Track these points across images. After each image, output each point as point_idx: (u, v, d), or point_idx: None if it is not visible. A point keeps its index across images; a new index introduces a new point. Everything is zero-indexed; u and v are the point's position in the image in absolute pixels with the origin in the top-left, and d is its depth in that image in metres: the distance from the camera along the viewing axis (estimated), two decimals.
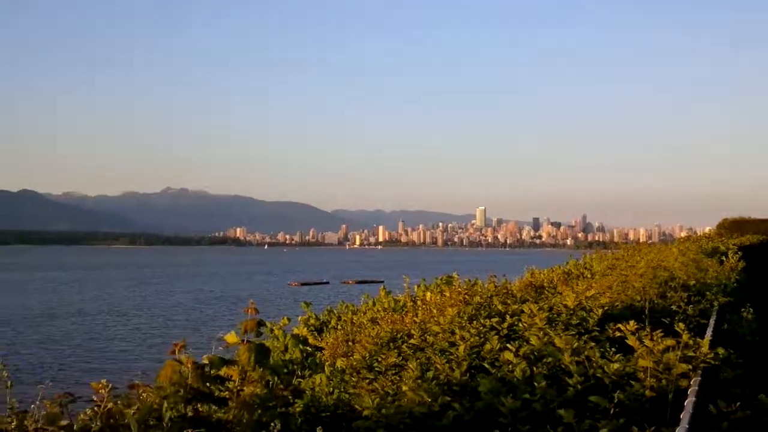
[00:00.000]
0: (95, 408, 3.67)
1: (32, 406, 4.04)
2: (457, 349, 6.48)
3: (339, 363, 8.70)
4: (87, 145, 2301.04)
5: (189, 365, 3.47)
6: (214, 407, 3.62)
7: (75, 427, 3.40)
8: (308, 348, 12.26)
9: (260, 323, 4.04)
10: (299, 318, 15.62)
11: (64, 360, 52.32)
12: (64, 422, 3.59)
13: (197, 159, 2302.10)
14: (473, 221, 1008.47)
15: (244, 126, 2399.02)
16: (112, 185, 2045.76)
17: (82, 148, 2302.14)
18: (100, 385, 3.84)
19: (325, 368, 8.64)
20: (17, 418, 3.70)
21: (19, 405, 3.90)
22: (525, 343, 6.19)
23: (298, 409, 5.00)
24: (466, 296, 9.56)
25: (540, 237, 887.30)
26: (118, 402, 3.74)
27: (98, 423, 3.48)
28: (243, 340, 3.87)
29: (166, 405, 3.20)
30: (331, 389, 7.02)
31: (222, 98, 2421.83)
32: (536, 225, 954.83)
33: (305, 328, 15.05)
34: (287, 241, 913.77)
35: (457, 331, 7.06)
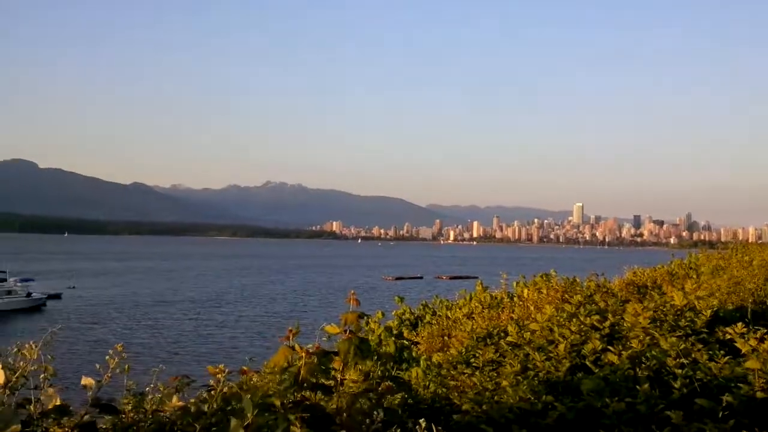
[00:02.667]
0: (210, 391, 3.83)
1: (146, 388, 4.21)
2: (557, 347, 6.38)
3: (435, 357, 8.73)
4: (193, 140, 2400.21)
5: (302, 353, 3.57)
6: (320, 395, 3.72)
7: (192, 410, 3.53)
8: (403, 341, 12.32)
9: (361, 315, 4.10)
10: (393, 312, 15.69)
11: (175, 345, 55.05)
12: (180, 404, 3.70)
13: (296, 154, 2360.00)
14: (570, 218, 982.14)
15: (342, 122, 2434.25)
16: (216, 179, 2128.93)
17: (189, 144, 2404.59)
18: (217, 370, 3.95)
19: (421, 362, 8.69)
20: (135, 400, 3.84)
21: (136, 387, 4.12)
22: (627, 343, 6.03)
23: (395, 402, 5.05)
24: (566, 294, 9.38)
25: (641, 235, 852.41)
26: (233, 386, 3.89)
27: (213, 406, 3.60)
28: (345, 332, 3.94)
29: (279, 391, 3.28)
30: (428, 383, 7.06)
31: (320, 97, 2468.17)
32: (637, 222, 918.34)
33: (399, 322, 15.13)
34: (382, 236, 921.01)
35: (555, 328, 6.94)
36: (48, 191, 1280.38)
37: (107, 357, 3.63)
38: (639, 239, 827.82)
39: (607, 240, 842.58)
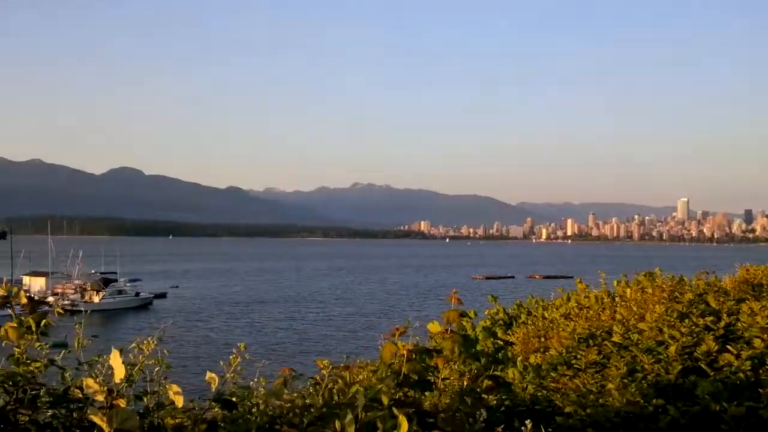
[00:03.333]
0: (316, 386, 3.84)
1: (251, 383, 4.28)
2: (667, 348, 6.10)
3: (533, 358, 8.53)
4: (285, 145, 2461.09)
5: (405, 351, 3.54)
6: (421, 393, 3.67)
7: (299, 403, 3.57)
8: (499, 341, 12.11)
9: (463, 314, 4.04)
10: (486, 311, 15.43)
11: (272, 342, 56.61)
12: (287, 397, 3.76)
13: (384, 155, 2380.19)
14: (674, 213, 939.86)
15: (427, 122, 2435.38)
16: (306, 181, 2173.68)
17: (281, 148, 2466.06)
18: (324, 364, 4.00)
19: (518, 363, 8.50)
20: (243, 394, 3.91)
21: (242, 381, 4.19)
22: (746, 345, 5.69)
23: (493, 402, 4.95)
24: (677, 293, 8.95)
25: (753, 231, 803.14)
26: (339, 381, 3.91)
27: (320, 400, 3.65)
28: (447, 330, 3.89)
29: (384, 387, 3.29)
30: (525, 384, 6.89)
31: (413, 94, 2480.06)
32: (749, 217, 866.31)
33: (492, 322, 14.86)
34: (471, 235, 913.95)
35: (665, 329, 6.63)
36: (153, 196, 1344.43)
37: (231, 356, 3.70)
38: (751, 235, 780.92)
39: (715, 236, 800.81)
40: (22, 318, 3.09)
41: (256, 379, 4.27)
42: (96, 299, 77.41)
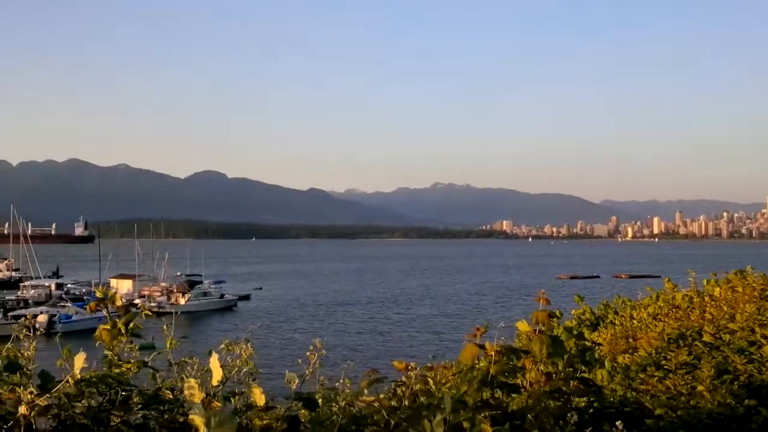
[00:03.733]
0: (401, 387, 3.86)
1: (336, 384, 4.30)
2: (759, 348, 5.84)
3: (621, 359, 8.30)
4: (366, 146, 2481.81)
5: (492, 351, 3.53)
6: (509, 395, 3.64)
7: (386, 404, 3.58)
8: (585, 342, 11.82)
9: (551, 314, 4.00)
10: (572, 311, 15.06)
11: (357, 344, 57.14)
12: (370, 398, 3.77)
13: (464, 155, 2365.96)
14: (763, 210, 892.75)
15: (508, 120, 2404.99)
16: (387, 182, 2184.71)
17: (362, 150, 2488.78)
18: (408, 365, 4.01)
19: (606, 364, 8.30)
20: (328, 394, 3.94)
21: (328, 382, 4.20)
22: None
23: (580, 404, 4.86)
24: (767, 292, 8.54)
25: None
26: (427, 382, 3.90)
27: (405, 401, 3.64)
28: (535, 330, 3.85)
29: (472, 389, 3.29)
30: (614, 386, 6.73)
31: (486, 95, 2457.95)
32: None
33: (578, 322, 14.49)
34: (554, 234, 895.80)
35: (757, 329, 6.35)
36: (236, 199, 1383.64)
37: (308, 353, 3.67)
38: None
39: None
40: (116, 320, 3.13)
41: (341, 381, 4.31)
42: (182, 301, 78.96)
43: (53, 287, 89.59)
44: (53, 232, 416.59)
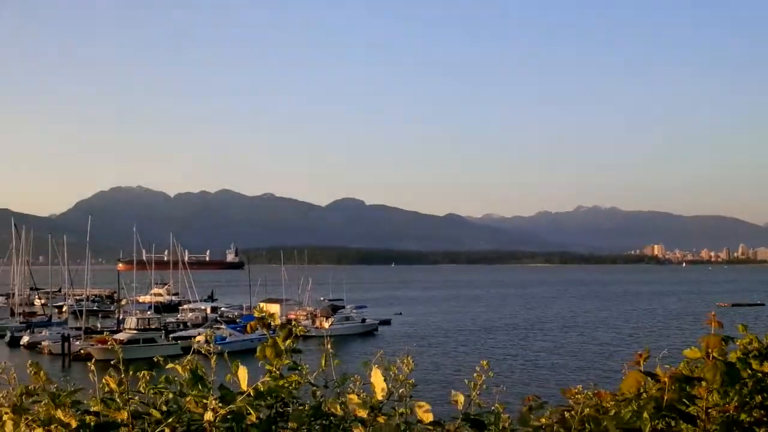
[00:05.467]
0: (567, 412, 3.65)
1: (492, 407, 4.04)
2: None
3: None
4: (503, 170, 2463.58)
5: (665, 378, 3.20)
6: (682, 424, 3.31)
7: (555, 429, 3.42)
8: (759, 372, 10.52)
9: (725, 339, 3.57)
10: (737, 341, 13.53)
11: (504, 370, 56.12)
12: (535, 423, 3.57)
13: (609, 177, 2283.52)
14: None
15: (656, 140, 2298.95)
16: (526, 206, 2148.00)
17: (499, 173, 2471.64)
18: (575, 390, 3.82)
19: None
20: (492, 417, 3.68)
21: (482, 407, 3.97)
22: None
23: None
24: None
25: None
26: (596, 408, 3.63)
27: (575, 427, 3.45)
28: (707, 356, 3.44)
29: (645, 416, 3.08)
30: None
31: (635, 109, 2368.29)
32: None
33: (745, 352, 13.05)
34: (711, 259, 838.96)
35: None
36: (374, 226, 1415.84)
37: (474, 374, 3.55)
38: None
39: None
40: (276, 339, 3.18)
41: (494, 405, 4.02)
42: (325, 325, 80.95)
43: (209, 310, 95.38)
44: (207, 259, 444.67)
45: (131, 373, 3.07)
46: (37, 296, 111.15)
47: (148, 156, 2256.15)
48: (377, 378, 2.99)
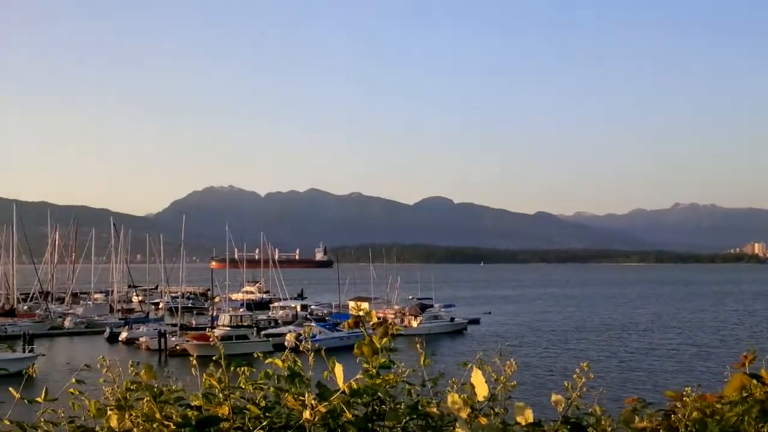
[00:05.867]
0: (676, 416, 3.51)
1: (590, 409, 3.78)
2: None
3: None
4: (595, 168, 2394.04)
5: None
6: None
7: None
8: None
9: None
10: None
11: (597, 371, 54.57)
12: (640, 425, 3.49)
13: (709, 173, 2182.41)
14: None
15: (757, 131, 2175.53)
16: (620, 204, 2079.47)
17: (590, 172, 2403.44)
18: (682, 393, 3.67)
19: None
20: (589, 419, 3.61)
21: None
22: None
23: None
24: None
25: None
26: (703, 411, 3.46)
27: (682, 430, 3.35)
28: None
29: (747, 419, 3.03)
30: None
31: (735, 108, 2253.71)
32: None
33: None
34: None
35: None
36: (462, 224, 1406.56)
37: (574, 375, 3.41)
38: None
39: None
40: (372, 337, 3.20)
41: (593, 407, 3.87)
42: (414, 324, 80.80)
43: (299, 308, 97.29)
44: (297, 257, 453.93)
45: (233, 369, 3.10)
46: (134, 293, 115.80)
47: (239, 157, 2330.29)
48: (478, 378, 2.91)
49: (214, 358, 3.14)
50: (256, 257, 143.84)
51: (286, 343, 67.20)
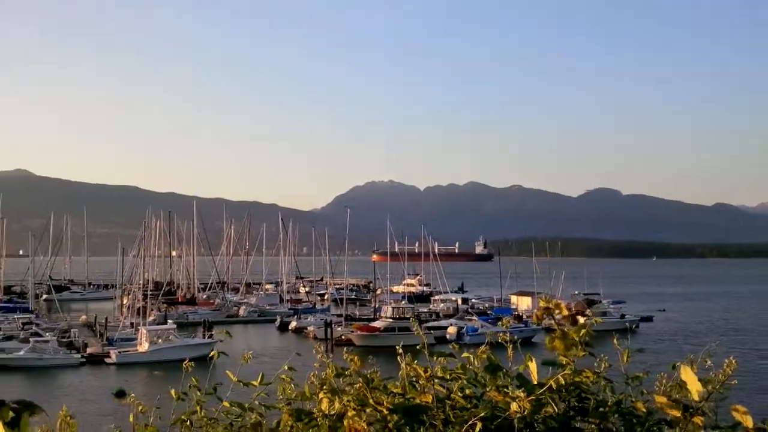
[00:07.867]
0: None
1: None
2: None
3: None
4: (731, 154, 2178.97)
5: None
6: None
7: None
8: None
9: None
10: None
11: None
12: None
13: None
14: None
15: None
16: None
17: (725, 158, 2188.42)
18: None
19: None
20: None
21: None
22: None
23: None
24: None
25: None
26: None
27: None
28: None
29: None
30: None
31: None
32: None
33: None
34: None
35: None
36: (631, 216, 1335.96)
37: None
38: None
39: None
40: (566, 330, 3.06)
41: None
42: (581, 320, 78.25)
43: (459, 301, 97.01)
44: (456, 251, 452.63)
45: (434, 359, 3.17)
46: (302, 284, 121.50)
47: (399, 150, 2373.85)
48: (689, 376, 2.69)
49: (417, 347, 3.29)
50: (416, 250, 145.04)
51: (447, 336, 67.69)
